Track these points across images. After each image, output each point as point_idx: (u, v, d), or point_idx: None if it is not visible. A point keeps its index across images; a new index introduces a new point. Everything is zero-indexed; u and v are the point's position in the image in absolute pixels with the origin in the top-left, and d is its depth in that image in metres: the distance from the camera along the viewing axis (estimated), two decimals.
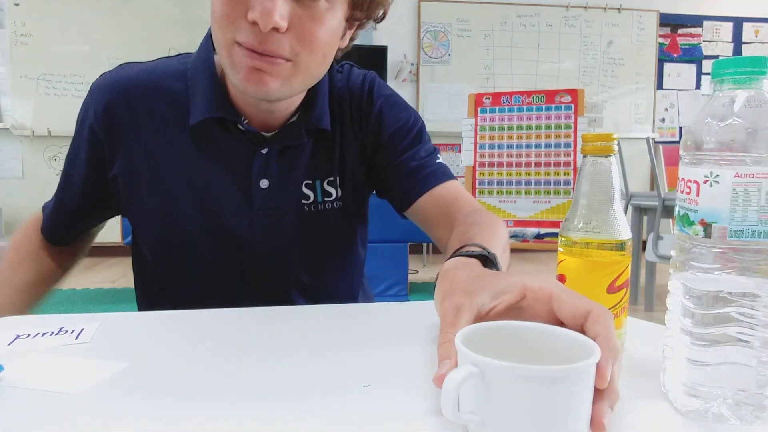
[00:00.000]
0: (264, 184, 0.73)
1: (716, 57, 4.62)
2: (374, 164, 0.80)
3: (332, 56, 0.67)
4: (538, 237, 2.54)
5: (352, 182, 0.80)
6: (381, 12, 0.70)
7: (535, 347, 0.41)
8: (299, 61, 0.61)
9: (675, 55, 4.92)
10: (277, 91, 0.62)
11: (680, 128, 5.00)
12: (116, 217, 0.82)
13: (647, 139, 2.69)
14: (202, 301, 0.70)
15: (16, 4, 4.13)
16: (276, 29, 0.57)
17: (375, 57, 4.35)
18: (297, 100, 0.72)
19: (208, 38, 0.71)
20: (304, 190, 0.76)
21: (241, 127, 0.70)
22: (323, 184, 0.77)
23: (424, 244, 4.28)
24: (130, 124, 0.71)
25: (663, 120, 4.96)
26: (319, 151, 0.76)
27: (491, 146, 2.43)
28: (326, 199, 0.77)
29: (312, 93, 0.73)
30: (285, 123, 0.73)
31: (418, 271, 3.97)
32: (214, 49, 0.68)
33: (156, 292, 0.82)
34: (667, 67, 4.92)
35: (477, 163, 2.45)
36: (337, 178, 0.78)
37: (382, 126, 0.79)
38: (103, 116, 0.71)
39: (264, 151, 0.72)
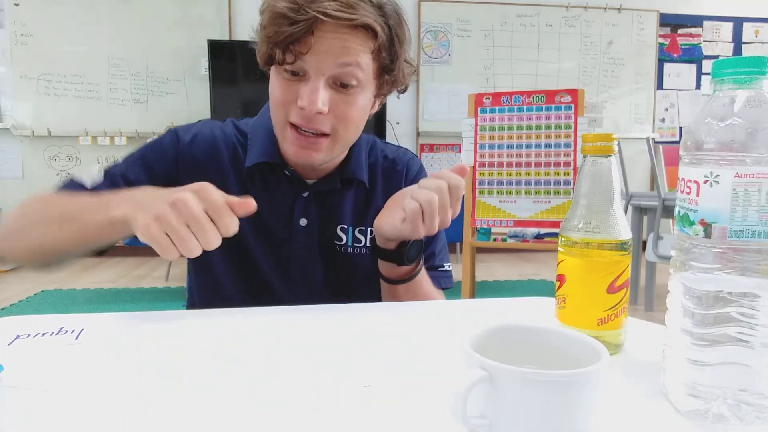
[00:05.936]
0: (303, 222, 0.86)
1: (716, 57, 4.62)
2: None
3: (364, 124, 0.83)
4: (538, 237, 2.54)
5: None
6: (403, 87, 0.84)
7: (543, 349, 0.41)
8: (337, 135, 0.77)
9: (675, 55, 4.92)
10: (321, 161, 0.79)
11: (680, 128, 5.00)
12: None
13: (647, 139, 2.69)
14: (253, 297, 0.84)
15: (16, 4, 4.13)
16: (319, 113, 0.73)
17: None
18: (337, 159, 0.87)
19: (267, 108, 0.86)
20: (339, 232, 0.88)
21: (287, 173, 0.85)
22: (354, 231, 0.89)
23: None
24: (204, 162, 0.84)
25: (663, 120, 4.96)
26: (355, 202, 0.90)
27: (491, 146, 2.42)
28: (356, 244, 0.89)
29: (349, 153, 0.88)
30: (325, 175, 0.87)
31: None
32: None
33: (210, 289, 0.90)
34: (667, 67, 4.92)
35: (477, 163, 2.45)
36: (368, 229, 0.89)
37: None
38: (189, 145, 0.84)
39: (305, 195, 0.86)
